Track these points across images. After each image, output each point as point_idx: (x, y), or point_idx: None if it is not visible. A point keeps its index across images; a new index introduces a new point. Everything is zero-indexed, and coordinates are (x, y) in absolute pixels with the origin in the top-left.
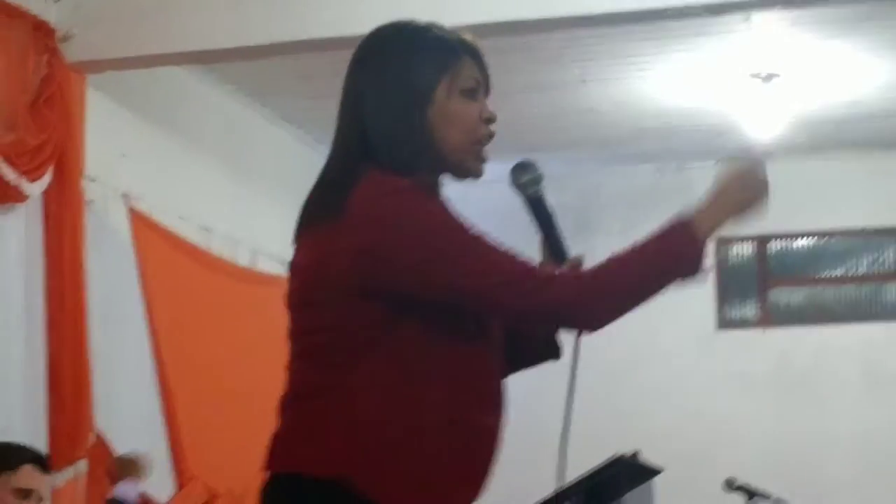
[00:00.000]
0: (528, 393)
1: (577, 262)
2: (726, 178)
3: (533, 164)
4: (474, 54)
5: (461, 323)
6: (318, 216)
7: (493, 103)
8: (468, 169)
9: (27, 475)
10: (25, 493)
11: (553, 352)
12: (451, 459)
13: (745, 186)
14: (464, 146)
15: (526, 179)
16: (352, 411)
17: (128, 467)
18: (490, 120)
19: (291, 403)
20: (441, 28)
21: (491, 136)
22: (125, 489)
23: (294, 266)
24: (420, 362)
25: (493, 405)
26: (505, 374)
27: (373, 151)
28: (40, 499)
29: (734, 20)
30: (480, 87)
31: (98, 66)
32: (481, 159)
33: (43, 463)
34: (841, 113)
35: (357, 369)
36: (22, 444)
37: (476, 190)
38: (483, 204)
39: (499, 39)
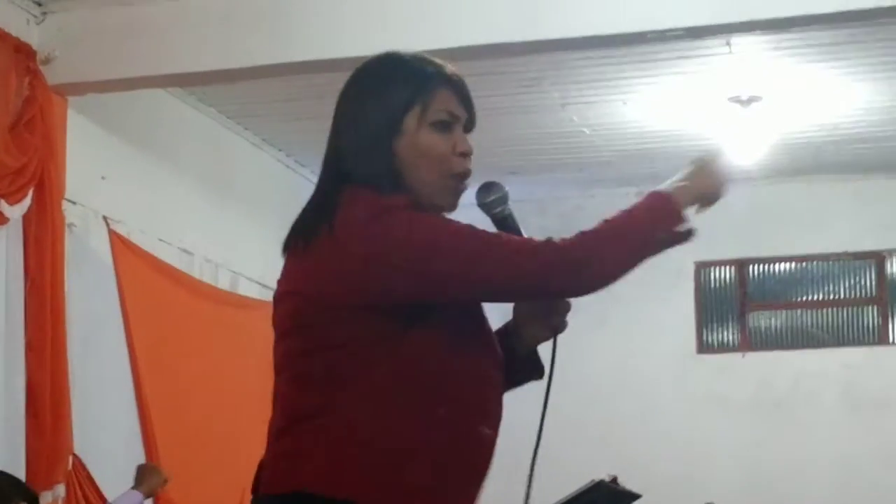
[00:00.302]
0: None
1: None
2: (692, 167)
3: (498, 184)
4: (456, 87)
5: (462, 336)
6: (302, 239)
7: (477, 124)
8: (437, 204)
9: None
10: None
11: (537, 371)
12: (453, 475)
13: (708, 175)
14: (433, 180)
15: (491, 199)
16: (355, 430)
17: (147, 475)
18: (464, 154)
19: (292, 426)
20: (423, 59)
21: (465, 171)
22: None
23: (282, 291)
24: (421, 377)
25: (492, 417)
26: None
27: (351, 176)
28: None
29: (715, 44)
30: (457, 121)
31: (80, 88)
32: (455, 194)
33: (34, 501)
34: (821, 137)
35: (358, 387)
36: (17, 480)
37: (458, 213)
38: None
39: (479, 62)
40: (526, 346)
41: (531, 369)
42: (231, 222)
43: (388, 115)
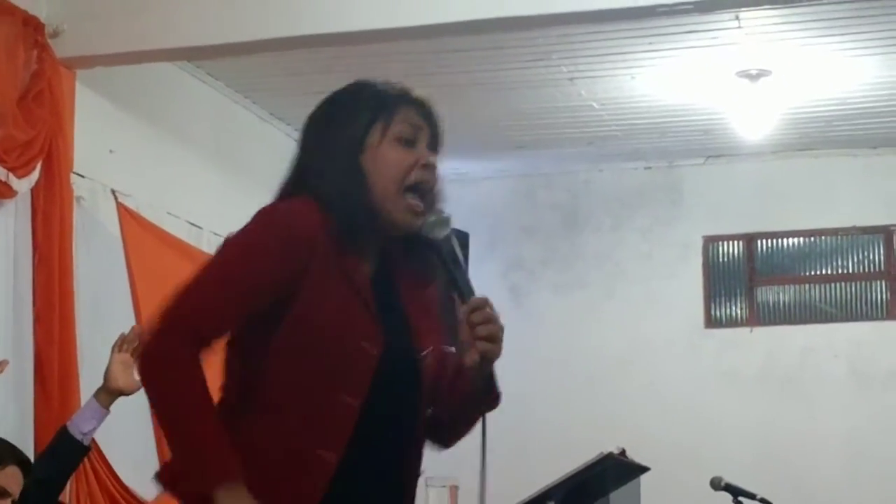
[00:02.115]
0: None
1: (472, 305)
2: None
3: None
4: (420, 107)
5: (325, 363)
6: None
7: (483, 100)
8: (395, 220)
9: (12, 476)
10: (3, 493)
11: (494, 400)
12: (277, 485)
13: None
14: (391, 193)
15: (431, 220)
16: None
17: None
18: (426, 166)
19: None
20: (390, 83)
21: (423, 181)
22: (84, 417)
23: None
24: (274, 390)
25: (344, 442)
26: (447, 440)
27: (312, 195)
28: (14, 502)
29: (724, 18)
30: (421, 136)
31: (88, 61)
32: (412, 211)
33: (27, 467)
34: (830, 111)
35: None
36: (10, 444)
37: (467, 187)
38: (474, 200)
39: (488, 36)
40: (475, 373)
41: (486, 398)
42: (239, 196)
43: (354, 132)
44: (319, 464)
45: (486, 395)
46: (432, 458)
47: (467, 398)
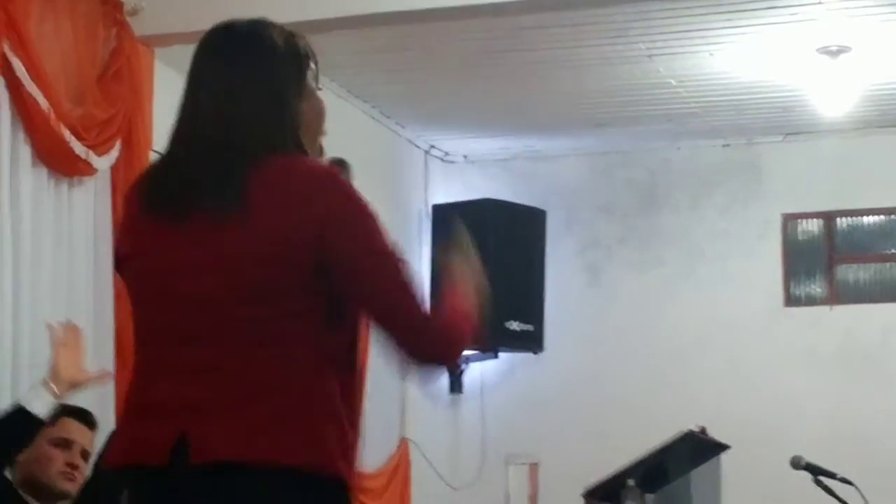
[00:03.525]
0: (595, 370)
1: None
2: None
3: (346, 161)
4: (313, 53)
5: (354, 334)
6: (212, 206)
7: (560, 77)
8: None
9: (66, 426)
10: (66, 443)
11: None
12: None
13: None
14: (317, 137)
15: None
16: (318, 404)
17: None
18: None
19: (280, 395)
20: (281, 27)
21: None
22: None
23: (210, 254)
24: (343, 364)
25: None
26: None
27: (271, 144)
28: (85, 452)
29: None
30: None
31: (166, 39)
32: (322, 153)
33: (84, 417)
34: None
35: (314, 368)
36: (63, 402)
37: (544, 165)
38: (551, 178)
39: (566, 13)
40: None
41: None
42: None
43: (295, 77)
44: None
45: None
46: (514, 437)
47: None
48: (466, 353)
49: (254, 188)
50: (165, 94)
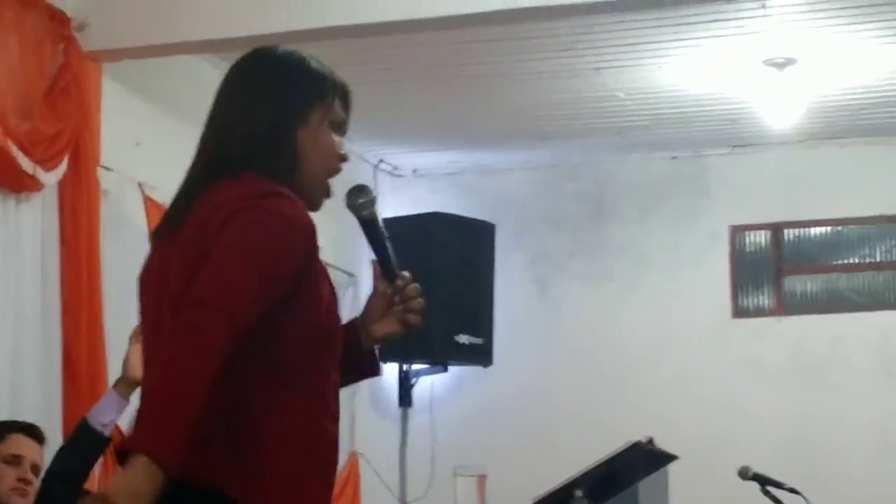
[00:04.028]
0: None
1: (407, 280)
2: None
3: (367, 187)
4: (344, 95)
5: (326, 335)
6: (166, 223)
7: (508, 90)
8: (314, 199)
9: (15, 442)
10: (16, 459)
11: (374, 367)
12: (311, 465)
13: None
14: (319, 175)
15: (360, 202)
16: (220, 416)
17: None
18: (344, 158)
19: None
20: (319, 62)
21: (338, 172)
22: (104, 409)
23: (148, 270)
24: (285, 368)
25: (337, 418)
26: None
27: (240, 165)
28: (35, 467)
29: (750, 6)
30: (344, 126)
31: (114, 55)
32: (327, 193)
33: (33, 432)
34: (858, 99)
35: (228, 373)
36: (9, 419)
37: (493, 178)
38: (499, 191)
39: (513, 26)
40: (373, 341)
41: (372, 365)
42: None
43: (299, 105)
44: (331, 437)
45: (373, 365)
46: (463, 450)
47: (348, 370)
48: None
49: (195, 208)
50: (113, 110)
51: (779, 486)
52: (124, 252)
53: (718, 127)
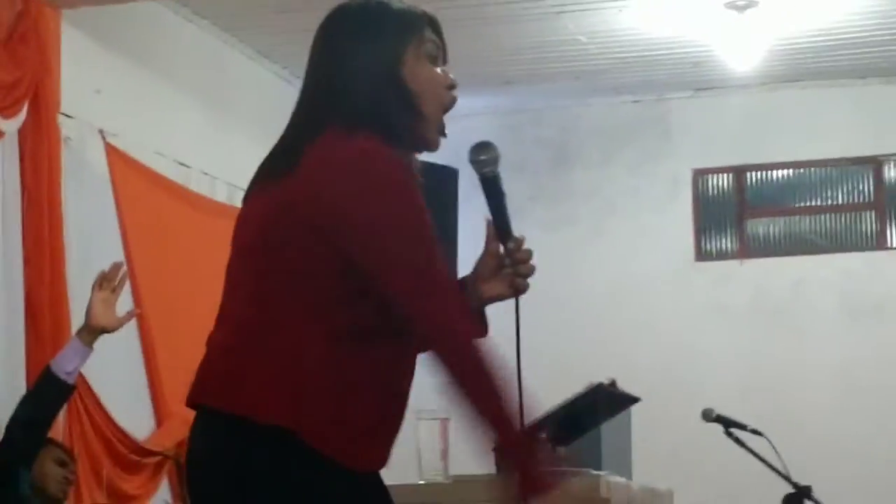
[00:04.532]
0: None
1: (520, 242)
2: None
3: (492, 144)
4: (433, 24)
5: None
6: (273, 166)
7: (469, 35)
8: (429, 139)
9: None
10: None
11: (483, 329)
12: (387, 419)
13: None
14: (431, 112)
15: (483, 158)
16: (302, 359)
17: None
18: (453, 86)
19: (241, 346)
20: (402, 2)
21: (454, 101)
22: (67, 357)
23: (250, 212)
24: (374, 324)
25: (412, 374)
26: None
27: (349, 114)
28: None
29: None
30: (441, 55)
31: (73, 1)
32: (442, 132)
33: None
34: (818, 41)
35: (313, 319)
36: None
37: (455, 123)
38: (461, 137)
39: None
40: (483, 302)
41: (478, 325)
42: (227, 135)
43: (392, 47)
44: (406, 394)
45: (480, 324)
46: (425, 393)
47: None
48: None
49: (304, 161)
50: (73, 57)
51: (742, 427)
52: (86, 199)
53: (680, 70)
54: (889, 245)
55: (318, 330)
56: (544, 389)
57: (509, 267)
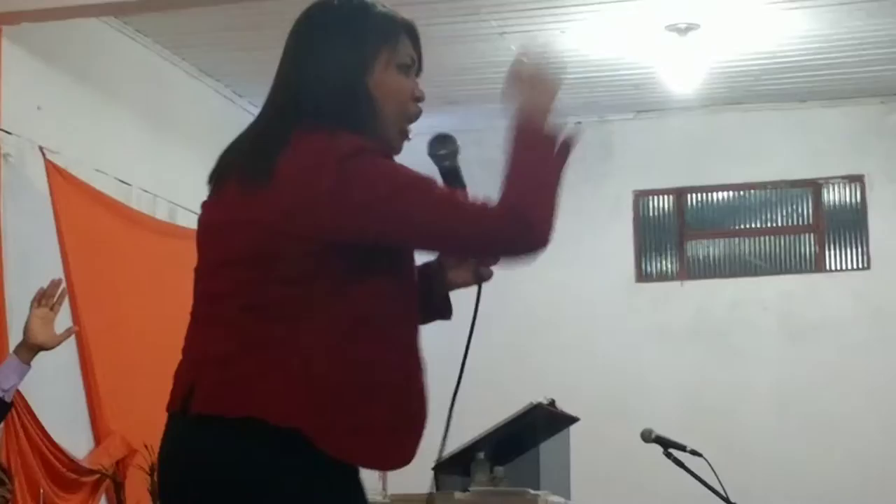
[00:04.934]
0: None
1: None
2: (524, 87)
3: (451, 137)
4: (412, 34)
5: (405, 283)
6: (257, 170)
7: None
8: (392, 145)
9: None
10: None
11: (446, 311)
12: (400, 418)
13: (540, 86)
14: (395, 119)
15: (443, 152)
16: (310, 363)
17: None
18: (419, 99)
19: (244, 353)
20: (383, 5)
21: (419, 114)
22: (5, 374)
23: (228, 219)
24: (375, 320)
25: (423, 367)
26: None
27: (312, 116)
28: None
29: None
30: (414, 66)
31: (14, 17)
32: (405, 136)
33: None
34: (759, 65)
35: (315, 323)
36: None
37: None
38: (404, 157)
39: None
40: (447, 288)
41: (443, 308)
42: (168, 153)
43: (361, 53)
44: (422, 388)
45: (444, 308)
46: None
47: (426, 310)
48: None
49: (281, 166)
50: (13, 73)
51: (681, 448)
52: (26, 216)
53: (622, 92)
54: (827, 267)
55: (321, 329)
56: (484, 408)
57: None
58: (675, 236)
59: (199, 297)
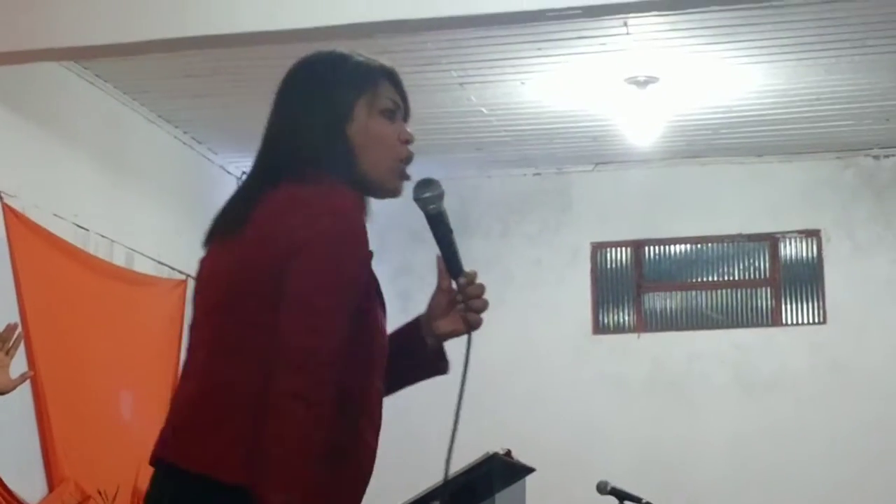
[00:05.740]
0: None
1: (472, 278)
2: None
3: (436, 182)
4: (392, 78)
5: (375, 350)
6: (225, 226)
7: None
8: (388, 188)
9: None
10: None
11: (443, 365)
12: (352, 482)
13: None
14: (384, 164)
15: (427, 196)
16: (257, 418)
17: None
18: (407, 141)
19: (206, 401)
20: (361, 55)
21: (410, 156)
22: None
23: (214, 270)
24: (344, 382)
25: (378, 429)
26: (391, 391)
27: (291, 168)
28: None
29: (612, 24)
30: (399, 110)
31: None
32: (403, 177)
33: None
34: (716, 118)
35: (269, 368)
36: None
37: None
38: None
39: (376, 40)
40: (438, 339)
41: (438, 363)
42: (126, 198)
43: (339, 102)
44: (371, 452)
45: (440, 362)
46: None
47: (414, 368)
48: None
49: (256, 214)
50: None
51: (636, 500)
52: None
53: (581, 144)
54: (784, 321)
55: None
56: (439, 458)
57: (461, 302)
58: (633, 288)
59: (187, 351)
